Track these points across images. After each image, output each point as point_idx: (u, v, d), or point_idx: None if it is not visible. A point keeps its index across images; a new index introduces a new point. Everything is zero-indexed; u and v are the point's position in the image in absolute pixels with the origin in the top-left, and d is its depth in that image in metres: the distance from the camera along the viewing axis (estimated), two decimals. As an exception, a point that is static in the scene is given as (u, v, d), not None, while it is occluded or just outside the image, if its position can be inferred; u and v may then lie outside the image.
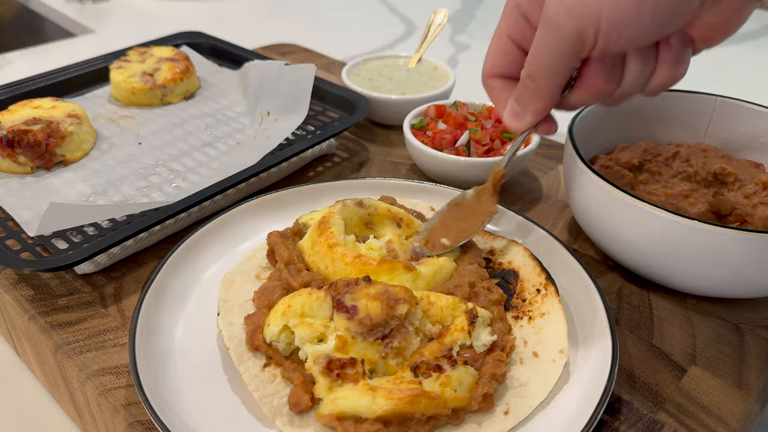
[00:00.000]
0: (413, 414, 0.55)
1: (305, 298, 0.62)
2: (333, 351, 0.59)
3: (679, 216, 0.66)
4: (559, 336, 0.65)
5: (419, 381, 0.56)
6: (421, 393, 0.55)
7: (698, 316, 0.74)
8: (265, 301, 0.65)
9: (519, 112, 0.61)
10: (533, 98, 0.58)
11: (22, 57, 1.56)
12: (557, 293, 0.69)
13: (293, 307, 0.62)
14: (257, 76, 1.13)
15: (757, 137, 0.88)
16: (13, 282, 0.76)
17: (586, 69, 0.56)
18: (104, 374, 0.65)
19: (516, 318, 0.68)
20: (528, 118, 0.61)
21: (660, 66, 0.56)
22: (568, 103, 0.61)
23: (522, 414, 0.59)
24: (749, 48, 1.74)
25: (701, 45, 0.57)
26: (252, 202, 0.82)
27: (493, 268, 0.74)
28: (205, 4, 1.96)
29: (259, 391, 0.58)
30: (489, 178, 0.73)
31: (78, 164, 0.96)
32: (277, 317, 0.62)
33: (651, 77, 0.57)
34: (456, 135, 0.96)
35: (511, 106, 0.61)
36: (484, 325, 0.63)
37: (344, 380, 0.57)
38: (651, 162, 0.86)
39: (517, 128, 0.63)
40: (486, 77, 0.64)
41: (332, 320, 0.61)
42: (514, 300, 0.70)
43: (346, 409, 0.55)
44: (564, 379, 0.62)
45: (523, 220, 0.80)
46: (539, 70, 0.56)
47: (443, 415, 0.56)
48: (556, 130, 0.65)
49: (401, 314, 0.60)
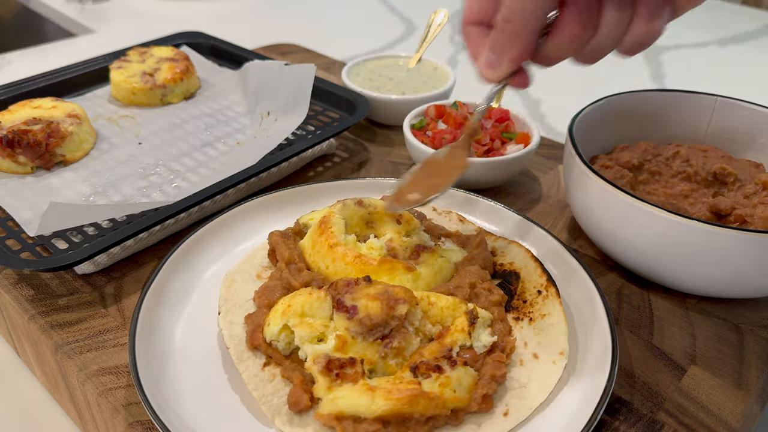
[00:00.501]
0: (412, 414, 0.55)
1: (305, 297, 0.62)
2: (332, 351, 0.59)
3: (679, 216, 0.66)
4: (559, 338, 0.65)
5: (418, 381, 0.56)
6: (421, 393, 0.55)
7: (698, 316, 0.74)
8: (266, 301, 0.65)
9: (494, 61, 0.58)
10: (509, 44, 0.56)
11: (22, 57, 1.56)
12: (558, 295, 0.69)
13: (293, 306, 0.62)
14: (257, 76, 1.13)
15: (757, 137, 0.88)
16: (13, 282, 0.76)
17: (562, 13, 0.54)
18: (104, 374, 0.65)
19: (517, 319, 0.68)
20: (503, 67, 0.58)
21: (636, 18, 0.54)
22: (543, 54, 0.58)
23: (521, 415, 0.58)
24: (749, 48, 1.74)
25: (683, 4, 0.56)
26: (252, 202, 0.82)
27: (494, 269, 0.74)
28: (205, 4, 1.96)
29: (259, 391, 0.58)
30: (463, 131, 0.72)
31: (78, 164, 0.96)
32: (277, 317, 0.62)
33: (626, 31, 0.55)
34: (456, 135, 0.96)
35: (486, 55, 0.59)
36: (485, 326, 0.63)
37: (343, 380, 0.57)
38: (651, 162, 0.86)
39: (492, 78, 0.60)
40: (464, 24, 0.61)
41: (332, 320, 0.61)
42: (515, 301, 0.70)
43: (345, 409, 0.55)
44: (564, 380, 0.62)
45: (523, 220, 0.80)
46: (516, 13, 0.54)
47: (442, 415, 0.56)
48: (529, 84, 0.63)
49: (401, 314, 0.60)
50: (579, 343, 0.66)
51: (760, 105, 0.87)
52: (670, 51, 1.69)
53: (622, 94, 0.90)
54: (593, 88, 1.37)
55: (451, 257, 0.72)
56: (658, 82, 1.51)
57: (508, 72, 0.59)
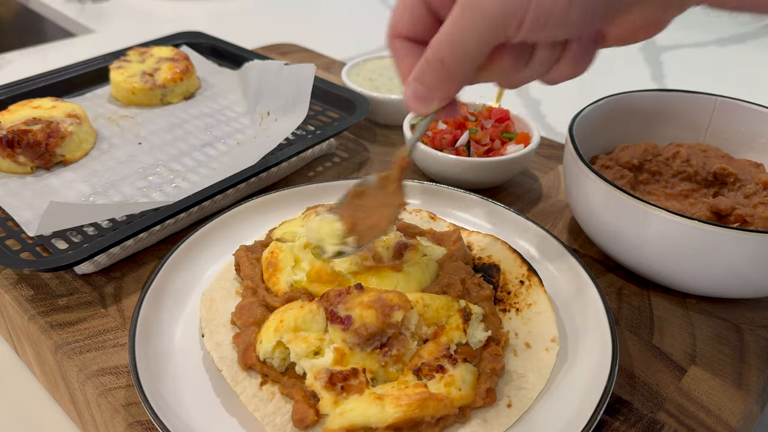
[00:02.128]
0: (423, 418, 0.54)
1: (297, 311, 0.60)
2: (332, 364, 0.57)
3: (679, 216, 0.66)
4: (548, 325, 0.66)
5: (424, 384, 0.56)
6: (429, 396, 0.55)
7: (698, 316, 0.74)
8: (250, 320, 0.63)
9: (424, 95, 0.54)
10: (442, 84, 0.52)
11: (21, 57, 1.56)
12: (541, 283, 0.70)
13: (285, 321, 0.60)
14: (257, 76, 1.13)
15: (757, 137, 0.88)
16: (13, 282, 0.76)
17: (495, 51, 0.51)
18: (104, 374, 0.65)
19: (504, 311, 0.68)
20: (434, 104, 0.54)
21: (564, 59, 0.53)
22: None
23: (524, 405, 0.59)
24: (749, 48, 1.73)
25: (613, 43, 0.55)
26: (252, 202, 0.82)
27: (474, 263, 0.74)
28: (205, 4, 1.95)
29: (260, 411, 0.57)
30: (393, 164, 0.65)
31: (78, 164, 0.96)
32: (269, 333, 0.60)
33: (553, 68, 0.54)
34: (456, 135, 0.96)
35: (416, 87, 0.54)
36: (478, 322, 0.63)
37: (349, 392, 0.55)
38: (651, 162, 0.86)
39: (421, 112, 0.56)
40: (390, 37, 0.57)
41: (327, 332, 0.60)
42: (499, 293, 0.70)
43: (355, 421, 0.54)
44: (564, 379, 0.62)
45: (523, 220, 0.80)
46: (453, 56, 0.50)
47: (451, 414, 0.56)
48: (459, 114, 0.60)
49: (397, 321, 0.59)
50: (579, 342, 0.66)
51: (760, 105, 0.87)
52: (670, 51, 1.69)
53: (622, 94, 0.90)
54: (593, 88, 1.37)
55: (432, 254, 0.71)
56: (658, 82, 1.51)
57: (437, 108, 0.56)
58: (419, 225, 0.80)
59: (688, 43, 1.74)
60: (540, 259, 0.77)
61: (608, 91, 0.92)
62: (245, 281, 0.69)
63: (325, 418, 0.55)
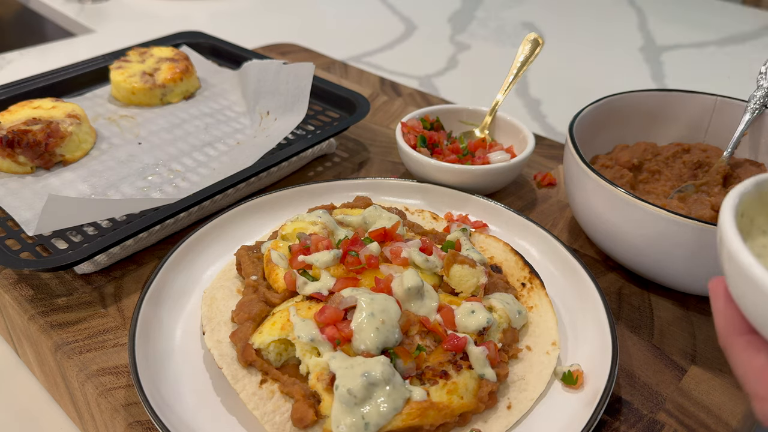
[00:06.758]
0: (423, 426, 0.55)
1: (305, 313, 0.61)
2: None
3: (679, 216, 0.66)
4: (550, 329, 0.66)
5: (426, 389, 0.56)
6: (430, 405, 0.55)
7: (698, 316, 0.74)
8: (246, 316, 0.63)
9: None
10: None
11: (21, 57, 1.56)
12: (543, 286, 0.70)
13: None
14: (256, 76, 1.13)
15: (757, 137, 0.88)
16: (13, 282, 0.76)
17: None
18: (104, 374, 0.65)
19: None
20: None
21: None
22: None
23: (524, 407, 0.59)
24: (749, 48, 1.73)
25: None
26: (252, 202, 0.82)
27: None
28: (205, 4, 1.95)
29: (259, 410, 0.57)
30: None
31: (78, 164, 0.95)
32: (275, 329, 0.60)
33: None
34: (457, 148, 0.95)
35: None
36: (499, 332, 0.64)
37: None
38: (651, 162, 0.86)
39: None
40: (725, 336, 0.45)
41: None
42: None
43: None
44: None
45: (523, 220, 0.80)
46: None
47: (451, 421, 0.56)
48: None
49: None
50: (579, 343, 0.66)
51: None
52: (670, 51, 1.69)
53: (622, 94, 0.90)
54: (593, 88, 1.37)
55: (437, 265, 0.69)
56: (658, 82, 1.51)
57: None
58: (422, 225, 0.80)
59: (688, 43, 1.74)
60: (540, 259, 0.77)
61: (608, 91, 0.92)
62: (246, 279, 0.69)
63: (324, 418, 0.55)
